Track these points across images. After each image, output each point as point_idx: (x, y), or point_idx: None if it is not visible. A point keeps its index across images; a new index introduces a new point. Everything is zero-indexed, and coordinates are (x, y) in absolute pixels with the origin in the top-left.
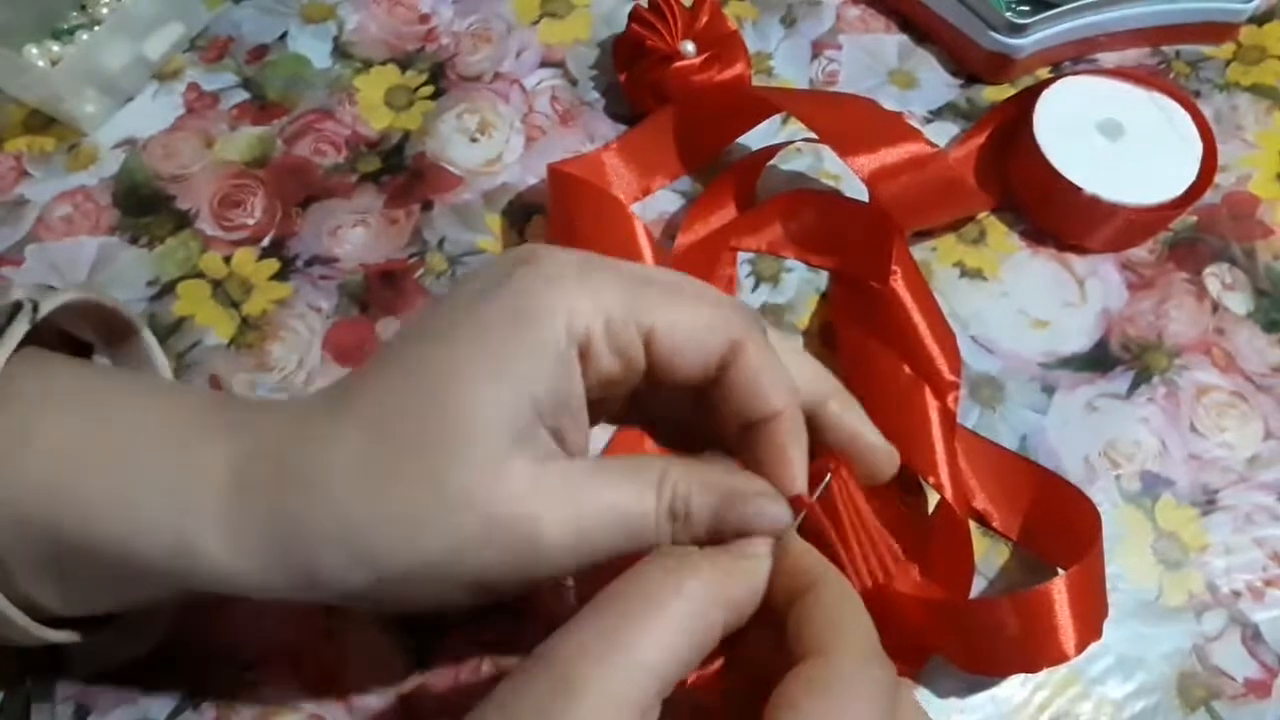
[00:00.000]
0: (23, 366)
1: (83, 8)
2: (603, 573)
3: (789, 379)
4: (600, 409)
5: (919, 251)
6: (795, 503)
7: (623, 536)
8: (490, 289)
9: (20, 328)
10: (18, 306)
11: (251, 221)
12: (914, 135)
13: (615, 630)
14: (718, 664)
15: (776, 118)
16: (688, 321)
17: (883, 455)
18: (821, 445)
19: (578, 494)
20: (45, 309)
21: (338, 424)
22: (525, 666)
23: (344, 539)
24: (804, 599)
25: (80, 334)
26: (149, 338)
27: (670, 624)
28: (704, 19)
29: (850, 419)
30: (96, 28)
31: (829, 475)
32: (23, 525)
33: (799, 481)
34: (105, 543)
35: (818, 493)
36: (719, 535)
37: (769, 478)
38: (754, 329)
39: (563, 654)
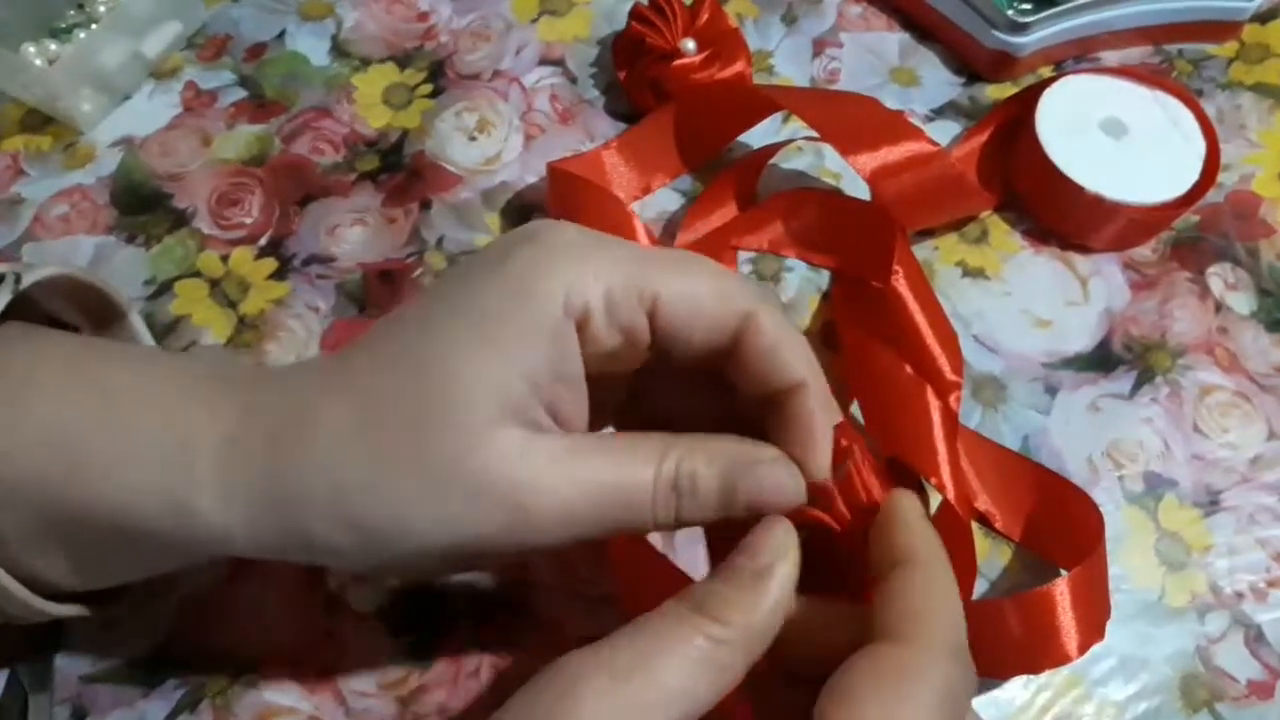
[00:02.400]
0: (10, 334)
1: (80, 6)
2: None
3: (808, 350)
4: (605, 391)
5: (921, 251)
6: (817, 491)
7: (619, 510)
8: (490, 266)
9: (1, 299)
10: (0, 278)
11: (249, 220)
12: (916, 134)
13: (638, 662)
14: None
15: (777, 116)
16: (694, 291)
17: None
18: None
19: (570, 465)
20: (28, 281)
21: (331, 396)
22: (532, 685)
23: (334, 508)
24: (897, 574)
25: (67, 318)
26: (136, 320)
27: (691, 663)
28: (704, 17)
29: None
30: (94, 26)
31: (846, 461)
32: (19, 491)
33: (825, 454)
34: (101, 507)
35: (839, 474)
36: (730, 509)
37: (794, 452)
38: (766, 300)
39: (571, 676)
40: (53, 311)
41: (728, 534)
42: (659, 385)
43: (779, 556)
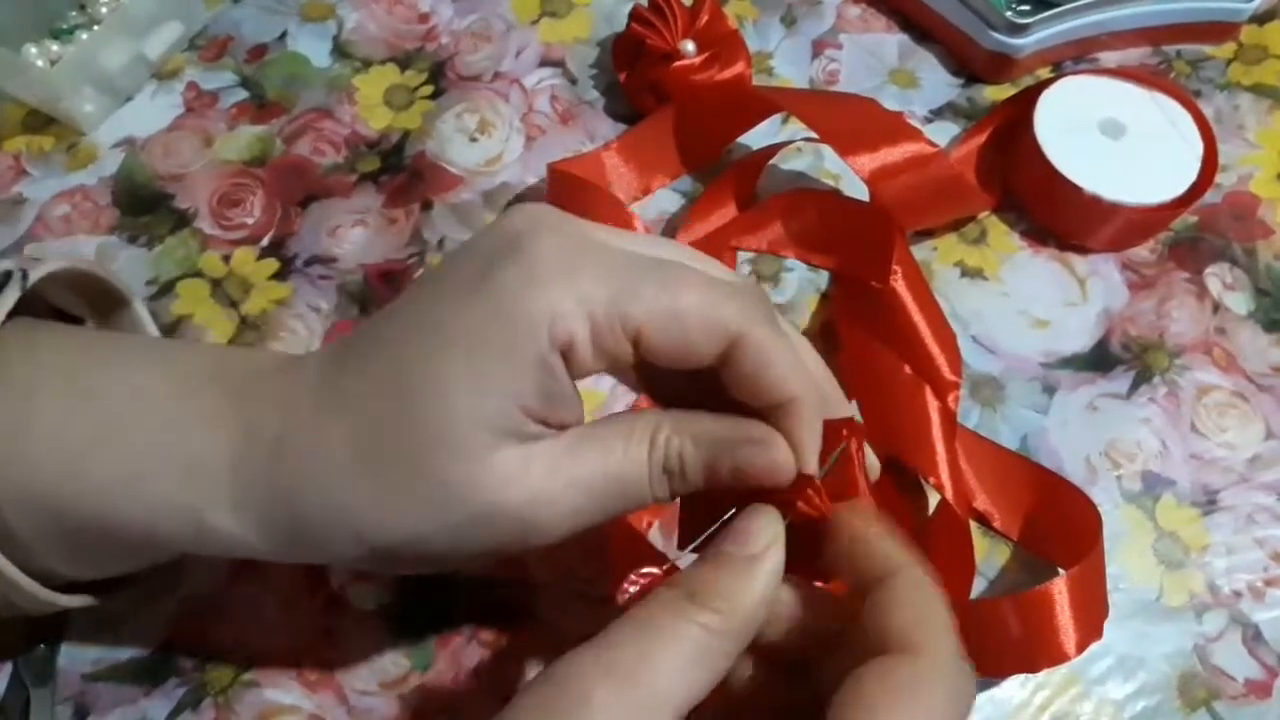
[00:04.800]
0: (14, 335)
1: (82, 7)
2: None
3: (799, 364)
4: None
5: (919, 251)
6: (802, 481)
7: (619, 499)
8: (475, 284)
9: (11, 295)
10: (7, 275)
11: (251, 221)
12: (915, 135)
13: (634, 657)
14: None
15: (777, 117)
16: (678, 317)
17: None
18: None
19: (569, 470)
20: (35, 276)
21: (326, 417)
22: (540, 686)
23: (345, 529)
24: (883, 588)
25: (70, 308)
26: (140, 309)
27: (685, 653)
28: (704, 18)
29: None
30: (95, 27)
31: (839, 449)
32: (32, 506)
33: (809, 467)
34: (118, 523)
35: (826, 467)
36: (714, 484)
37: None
38: (756, 317)
39: (575, 678)
40: (57, 303)
41: (706, 510)
42: (657, 373)
43: (768, 543)
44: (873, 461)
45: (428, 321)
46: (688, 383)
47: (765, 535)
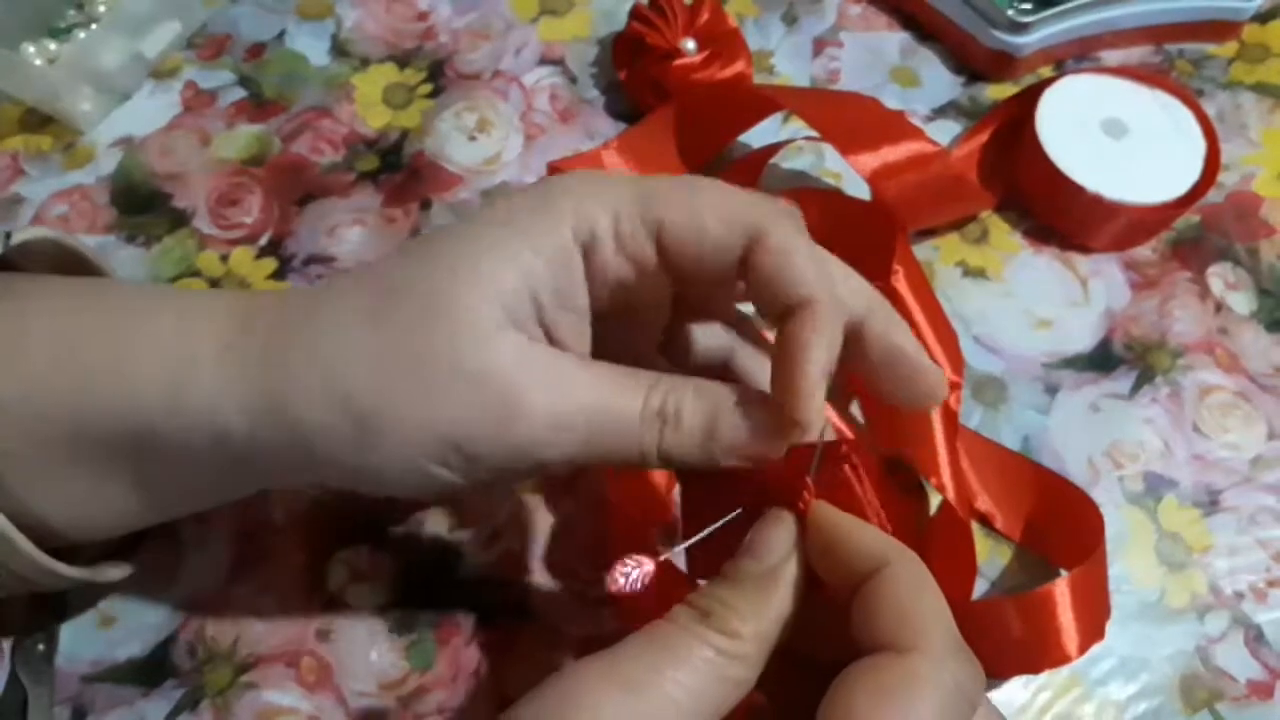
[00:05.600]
0: (4, 279)
1: (79, 6)
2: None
3: (826, 271)
4: (630, 338)
5: (921, 250)
6: (799, 471)
7: (607, 429)
8: (502, 199)
9: None
10: None
11: (249, 220)
12: (916, 134)
13: (641, 675)
14: None
15: (778, 116)
16: (699, 214)
17: (931, 376)
18: (838, 430)
19: (562, 375)
20: (17, 239)
21: (335, 295)
22: (539, 696)
23: (329, 393)
24: (872, 583)
25: None
26: None
27: (698, 675)
28: (705, 16)
29: (895, 339)
30: (93, 26)
31: (817, 451)
32: (31, 418)
33: (814, 373)
34: (105, 415)
35: (813, 467)
36: (711, 449)
37: (786, 372)
38: (781, 219)
39: (585, 691)
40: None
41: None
42: (680, 338)
43: (783, 557)
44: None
45: (461, 223)
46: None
47: (781, 548)
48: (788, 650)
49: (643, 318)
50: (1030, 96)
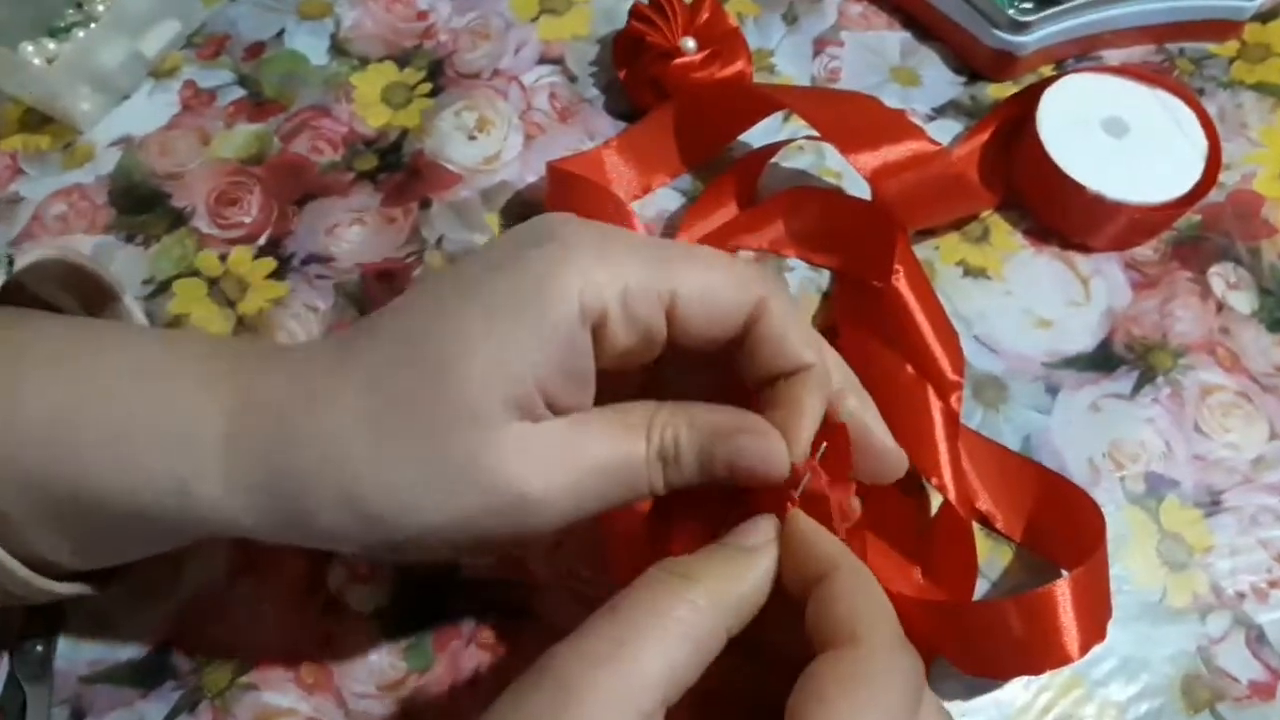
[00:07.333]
0: (2, 319)
1: (78, 5)
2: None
3: (816, 337)
4: (616, 385)
5: (922, 250)
6: (793, 470)
7: (616, 486)
8: (506, 263)
9: None
10: None
11: (248, 220)
12: (917, 133)
13: (618, 641)
14: None
15: (778, 115)
16: (710, 283)
17: (892, 459)
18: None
19: (570, 453)
20: (21, 264)
21: (338, 380)
22: (527, 676)
23: (338, 493)
24: (823, 586)
25: (59, 303)
26: (131, 304)
27: (672, 634)
28: (705, 15)
29: (865, 417)
30: (92, 25)
31: (823, 446)
32: (20, 481)
33: (808, 431)
34: (104, 495)
35: (817, 456)
36: (709, 473)
37: (783, 428)
38: (777, 287)
39: (565, 663)
40: (45, 296)
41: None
42: (664, 376)
43: (766, 539)
44: (855, 505)
45: (451, 296)
46: (692, 378)
47: (763, 532)
48: (739, 640)
49: (629, 371)
50: (1031, 96)
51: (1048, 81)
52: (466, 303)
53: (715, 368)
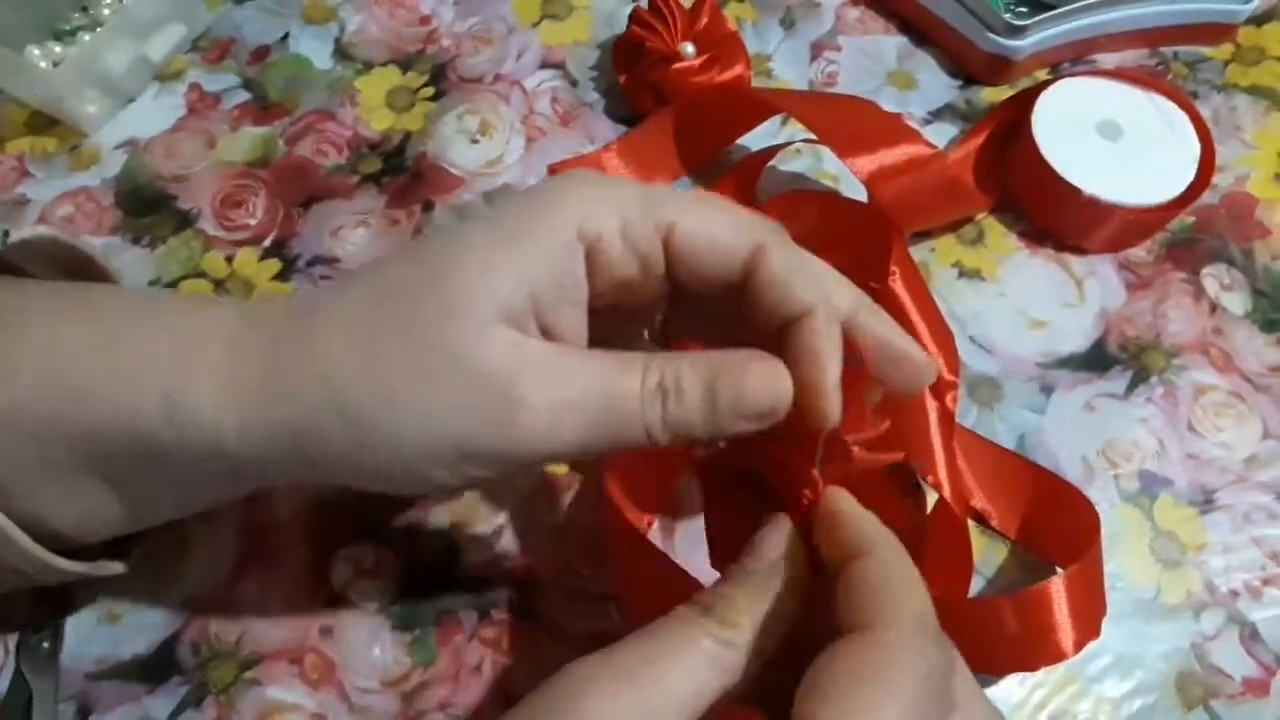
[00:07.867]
0: (3, 282)
1: (84, 9)
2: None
3: (821, 279)
4: (624, 327)
5: (918, 252)
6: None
7: (609, 415)
8: (513, 196)
9: None
10: None
11: (253, 222)
12: (913, 136)
13: (635, 663)
14: None
15: (776, 119)
16: (709, 219)
17: (919, 363)
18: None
19: (559, 365)
20: (15, 238)
21: (341, 294)
22: (539, 690)
23: (326, 398)
24: (853, 566)
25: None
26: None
27: (693, 661)
28: (704, 20)
29: (881, 328)
30: (98, 29)
31: (820, 445)
32: (21, 421)
33: (832, 374)
34: (97, 422)
35: (818, 457)
36: (715, 414)
37: (807, 384)
38: (779, 234)
39: (580, 680)
40: (38, 277)
41: (729, 531)
42: (682, 328)
43: (779, 556)
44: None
45: (458, 222)
46: (710, 337)
47: (776, 548)
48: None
49: (637, 313)
50: (1026, 99)
51: (1043, 85)
52: (471, 222)
53: (724, 328)
